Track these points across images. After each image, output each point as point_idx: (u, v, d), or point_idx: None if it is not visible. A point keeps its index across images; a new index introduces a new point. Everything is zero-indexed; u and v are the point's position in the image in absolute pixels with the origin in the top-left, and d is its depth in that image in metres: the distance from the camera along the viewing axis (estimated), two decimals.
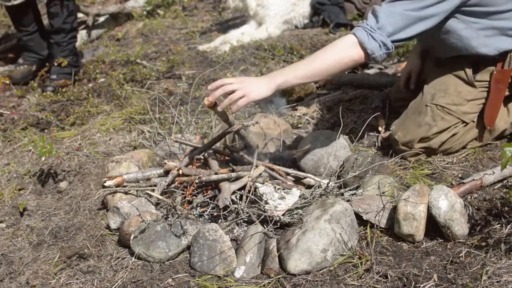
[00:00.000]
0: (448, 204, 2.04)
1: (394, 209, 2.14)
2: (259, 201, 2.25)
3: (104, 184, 2.53)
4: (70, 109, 3.61)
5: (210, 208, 2.35)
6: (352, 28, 4.24)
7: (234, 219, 2.25)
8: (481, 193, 2.34)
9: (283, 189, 2.36)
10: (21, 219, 2.60)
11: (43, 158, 2.75)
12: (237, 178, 2.39)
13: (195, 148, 2.55)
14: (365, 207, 2.19)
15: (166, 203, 2.36)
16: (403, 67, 3.05)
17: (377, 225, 2.15)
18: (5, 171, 2.98)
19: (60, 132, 3.36)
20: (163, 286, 2.03)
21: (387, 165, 2.53)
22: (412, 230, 2.08)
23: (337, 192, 2.35)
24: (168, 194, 2.46)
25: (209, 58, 4.13)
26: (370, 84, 3.34)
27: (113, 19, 5.42)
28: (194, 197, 2.42)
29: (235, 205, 2.24)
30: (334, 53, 2.25)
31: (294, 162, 2.68)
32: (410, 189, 2.14)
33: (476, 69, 2.51)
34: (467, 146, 2.64)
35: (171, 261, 2.16)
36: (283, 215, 2.24)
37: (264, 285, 1.99)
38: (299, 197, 2.34)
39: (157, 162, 2.83)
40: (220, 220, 2.28)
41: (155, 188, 2.44)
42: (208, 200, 2.37)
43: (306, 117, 3.16)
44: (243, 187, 2.33)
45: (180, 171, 2.42)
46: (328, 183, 2.32)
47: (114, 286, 2.06)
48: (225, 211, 2.24)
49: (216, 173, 2.42)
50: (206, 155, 2.58)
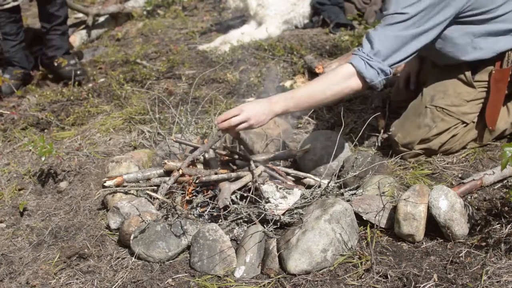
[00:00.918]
0: (448, 204, 2.04)
1: (394, 209, 2.14)
2: (260, 201, 2.25)
3: (104, 184, 2.53)
4: (70, 109, 3.61)
5: (210, 208, 2.35)
6: (352, 28, 4.27)
7: (234, 219, 2.25)
8: (481, 193, 2.34)
9: (285, 189, 2.36)
10: (21, 219, 2.60)
11: (43, 158, 2.75)
12: (237, 178, 2.39)
13: (195, 148, 2.55)
14: (365, 207, 2.19)
15: (166, 203, 2.36)
16: (402, 68, 3.05)
17: (377, 225, 2.15)
18: (5, 171, 2.97)
19: (60, 132, 3.35)
20: (163, 286, 2.03)
21: (387, 165, 2.53)
22: (412, 230, 2.08)
23: (337, 192, 2.35)
24: (168, 195, 2.46)
25: (209, 58, 4.13)
26: None
27: (113, 19, 5.41)
28: (194, 197, 2.42)
29: (235, 205, 2.24)
30: (334, 85, 2.29)
31: (294, 162, 2.68)
32: (410, 189, 2.14)
33: (475, 70, 2.51)
34: (467, 146, 2.64)
35: (171, 261, 2.16)
36: (283, 215, 2.24)
37: (264, 285, 1.99)
38: (300, 197, 2.34)
39: (157, 162, 2.82)
40: (220, 220, 2.28)
41: (156, 189, 2.44)
42: (208, 200, 2.37)
43: (306, 117, 3.16)
44: (243, 187, 2.33)
45: (181, 171, 2.42)
46: (328, 183, 2.32)
47: (114, 286, 2.06)
48: (225, 211, 2.24)
49: (216, 173, 2.42)
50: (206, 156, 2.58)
